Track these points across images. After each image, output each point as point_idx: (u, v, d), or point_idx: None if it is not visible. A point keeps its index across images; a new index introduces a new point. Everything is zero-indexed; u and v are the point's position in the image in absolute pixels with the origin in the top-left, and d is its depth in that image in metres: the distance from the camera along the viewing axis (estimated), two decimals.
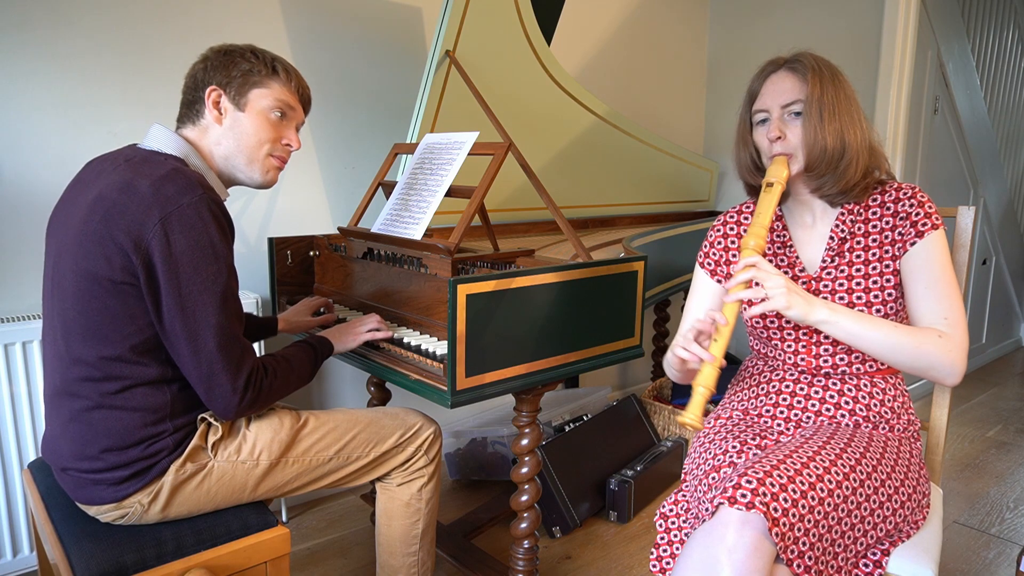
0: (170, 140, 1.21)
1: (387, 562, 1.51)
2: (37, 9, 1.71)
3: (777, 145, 1.20)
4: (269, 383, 1.20)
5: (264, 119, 1.26)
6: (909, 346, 1.11)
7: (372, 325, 1.49)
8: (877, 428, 1.21)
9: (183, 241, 1.07)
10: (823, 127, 1.15)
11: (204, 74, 1.23)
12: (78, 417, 1.14)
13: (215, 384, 1.12)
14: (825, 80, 1.17)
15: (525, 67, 2.14)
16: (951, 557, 2.04)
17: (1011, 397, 3.53)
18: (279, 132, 1.29)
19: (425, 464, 1.47)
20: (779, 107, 1.19)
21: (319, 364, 1.37)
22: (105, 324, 1.10)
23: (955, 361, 1.12)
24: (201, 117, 1.24)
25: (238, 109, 1.24)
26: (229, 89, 1.23)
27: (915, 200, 1.19)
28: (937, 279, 1.15)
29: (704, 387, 1.04)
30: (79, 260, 1.09)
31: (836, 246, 1.23)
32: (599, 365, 1.59)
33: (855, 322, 1.12)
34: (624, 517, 2.18)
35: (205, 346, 1.10)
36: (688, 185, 3.05)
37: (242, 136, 1.25)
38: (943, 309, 1.14)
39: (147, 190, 1.07)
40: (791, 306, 1.09)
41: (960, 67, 3.32)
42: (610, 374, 3.28)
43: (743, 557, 0.93)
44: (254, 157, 1.27)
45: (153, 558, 1.14)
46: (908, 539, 1.14)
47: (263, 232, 2.14)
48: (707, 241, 1.40)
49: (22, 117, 1.72)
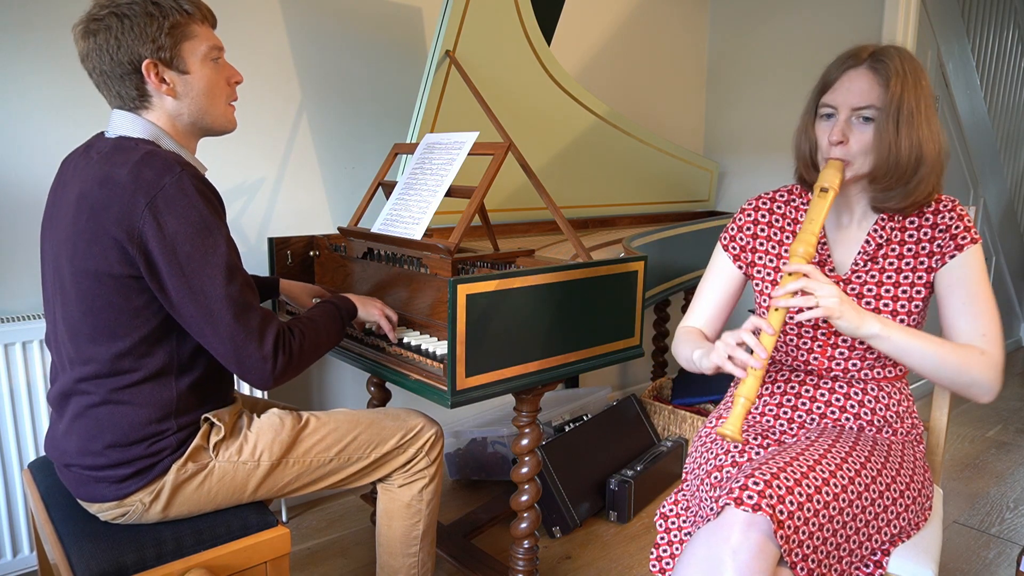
0: (135, 124, 1.15)
1: (387, 562, 1.51)
2: (37, 9, 1.71)
3: (837, 150, 1.14)
4: (299, 344, 1.18)
5: (210, 67, 1.18)
6: (955, 363, 1.09)
7: (389, 312, 1.47)
8: (881, 432, 1.21)
9: (174, 222, 1.06)
10: (899, 138, 1.10)
11: (120, 48, 1.10)
12: (85, 413, 1.14)
13: (244, 356, 1.11)
14: (908, 85, 1.10)
15: (525, 67, 2.14)
16: (951, 557, 2.04)
17: (1011, 397, 3.53)
18: (223, 75, 1.22)
19: (427, 465, 1.47)
20: (849, 108, 1.13)
21: (345, 324, 1.35)
22: (112, 321, 1.10)
23: (995, 380, 1.10)
24: (148, 96, 1.15)
25: (182, 73, 1.15)
26: (162, 54, 1.12)
27: (955, 213, 1.16)
28: (975, 294, 1.13)
29: (746, 397, 1.02)
30: (76, 261, 1.09)
31: (871, 251, 1.20)
32: (599, 365, 1.59)
33: (907, 337, 1.09)
34: (624, 517, 2.18)
35: (222, 320, 1.08)
36: (688, 185, 3.05)
37: (199, 98, 1.18)
38: (981, 325, 1.12)
39: (126, 179, 1.06)
40: (842, 317, 1.06)
41: (960, 67, 3.32)
42: (610, 374, 3.28)
43: (747, 558, 0.93)
44: (216, 112, 1.21)
45: (153, 558, 1.14)
46: (908, 539, 1.14)
47: (263, 232, 2.14)
48: (734, 224, 1.34)
49: (22, 117, 1.72)
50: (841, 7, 2.94)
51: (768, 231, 1.31)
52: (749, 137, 3.34)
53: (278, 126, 2.13)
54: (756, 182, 3.29)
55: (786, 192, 1.33)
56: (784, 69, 3.15)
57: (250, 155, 2.08)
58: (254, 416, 1.31)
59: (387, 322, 1.46)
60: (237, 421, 1.28)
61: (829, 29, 2.99)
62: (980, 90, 3.55)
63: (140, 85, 1.14)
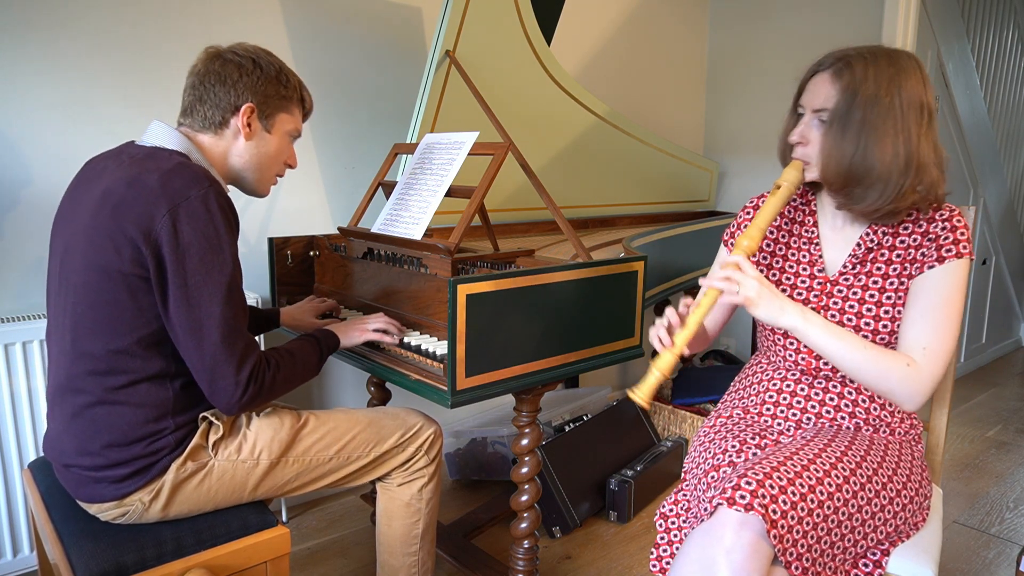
0: (171, 136, 1.21)
1: (387, 562, 1.51)
2: (37, 9, 1.71)
3: (797, 150, 1.17)
4: (272, 377, 1.19)
5: (286, 142, 1.33)
6: (872, 368, 1.09)
7: (380, 325, 1.47)
8: (877, 431, 1.21)
9: (190, 232, 1.08)
10: (842, 142, 1.10)
11: (239, 83, 1.23)
12: (81, 413, 1.14)
13: (217, 376, 1.12)
14: (866, 92, 1.08)
15: (525, 67, 2.14)
16: (951, 557, 2.04)
17: (1011, 397, 3.53)
18: (288, 152, 1.36)
19: (426, 464, 1.47)
20: (811, 110, 1.15)
21: (324, 358, 1.37)
22: (115, 317, 1.10)
23: (915, 392, 1.09)
24: (225, 127, 1.25)
25: (266, 130, 1.29)
26: (264, 108, 1.27)
27: (949, 225, 1.13)
28: (937, 307, 1.11)
29: (659, 370, 1.07)
30: (89, 254, 1.10)
31: (861, 255, 1.20)
32: (599, 365, 1.59)
33: (827, 335, 1.10)
34: (624, 517, 2.18)
35: (209, 337, 1.10)
36: (688, 185, 3.05)
37: (263, 155, 1.30)
38: (926, 338, 1.10)
39: (155, 183, 1.08)
40: (759, 306, 1.10)
41: (960, 67, 3.32)
42: (610, 374, 3.28)
43: (741, 558, 0.93)
44: (266, 175, 1.33)
45: (153, 558, 1.14)
46: (907, 539, 1.14)
47: (263, 232, 2.14)
48: (735, 221, 1.40)
49: (22, 117, 1.72)
50: (841, 7, 2.94)
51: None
52: (749, 137, 3.34)
53: None
54: (756, 182, 3.29)
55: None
56: (784, 69, 3.15)
57: None
58: (253, 415, 1.31)
59: (378, 335, 1.47)
60: (236, 420, 1.29)
61: (829, 29, 2.99)
62: (980, 90, 3.55)
63: (229, 119, 1.25)
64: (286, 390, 1.24)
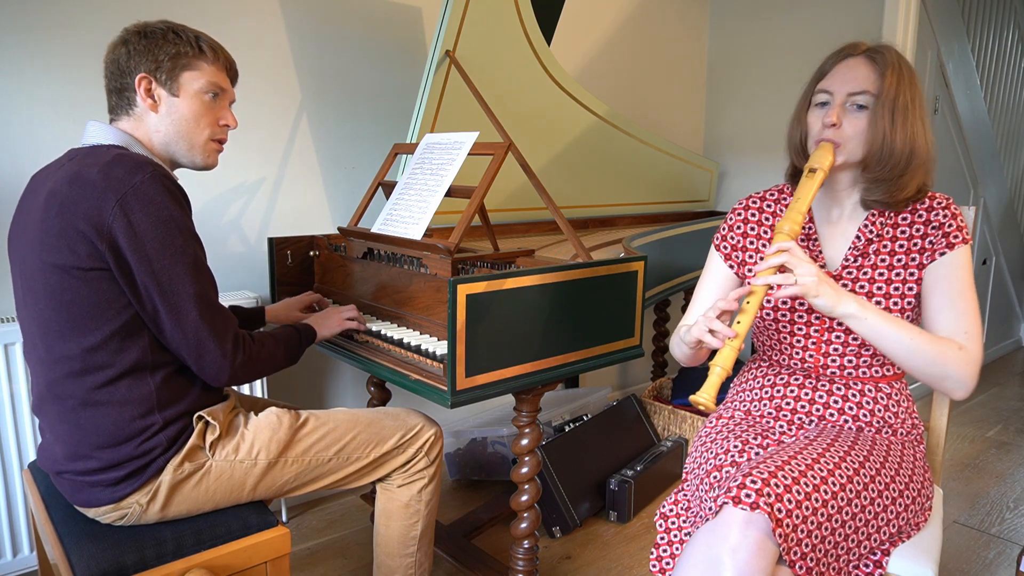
0: (107, 133, 1.20)
1: (384, 562, 1.51)
2: (37, 9, 1.70)
3: (829, 131, 1.15)
4: (257, 349, 1.22)
5: (199, 102, 1.23)
6: (930, 353, 1.10)
7: (351, 313, 1.54)
8: (880, 432, 1.21)
9: (144, 220, 1.08)
10: (894, 129, 1.12)
11: (129, 60, 1.19)
12: (66, 418, 1.14)
13: (204, 351, 1.14)
14: (903, 80, 1.12)
15: (525, 67, 2.14)
16: (951, 557, 2.03)
17: (1011, 397, 3.53)
18: (215, 114, 1.27)
19: (426, 466, 1.47)
20: (845, 94, 1.14)
21: (303, 347, 1.39)
22: (82, 315, 1.10)
23: (970, 375, 1.11)
24: (134, 106, 1.21)
25: (172, 95, 1.21)
26: (159, 74, 1.19)
27: (950, 212, 1.17)
28: (960, 292, 1.14)
29: (722, 367, 1.03)
30: (44, 257, 1.10)
31: (862, 246, 1.21)
32: (599, 365, 1.58)
33: (883, 321, 1.10)
34: (624, 517, 2.18)
35: (188, 317, 1.12)
36: (688, 185, 3.05)
37: (180, 122, 1.23)
38: (964, 323, 1.13)
39: (96, 176, 1.08)
40: (820, 295, 1.07)
41: (960, 67, 3.32)
42: (610, 374, 3.28)
43: (746, 557, 0.93)
44: (195, 142, 1.25)
45: (153, 558, 1.14)
46: (908, 539, 1.14)
47: (263, 232, 2.14)
48: (725, 224, 1.36)
49: (21, 117, 1.72)
50: (841, 7, 2.94)
51: (758, 230, 1.33)
52: (749, 137, 3.34)
53: (278, 126, 2.13)
54: (756, 182, 3.28)
55: (776, 191, 1.34)
56: (784, 69, 3.15)
57: (250, 155, 2.08)
58: (251, 415, 1.31)
59: (350, 323, 1.52)
60: (234, 420, 1.28)
61: (829, 29, 2.99)
62: (980, 90, 3.55)
63: (133, 97, 1.21)
64: (270, 366, 1.26)
